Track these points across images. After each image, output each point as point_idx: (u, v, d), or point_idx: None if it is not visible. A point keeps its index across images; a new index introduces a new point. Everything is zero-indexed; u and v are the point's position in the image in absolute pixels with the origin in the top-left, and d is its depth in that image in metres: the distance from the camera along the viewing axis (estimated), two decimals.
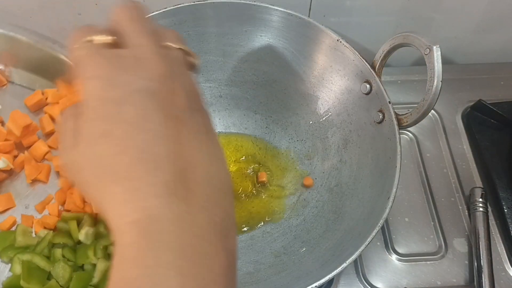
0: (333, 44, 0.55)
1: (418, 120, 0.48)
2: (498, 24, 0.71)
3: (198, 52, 0.59)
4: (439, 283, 0.55)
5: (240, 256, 0.53)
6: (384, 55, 0.51)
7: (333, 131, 0.58)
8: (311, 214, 0.55)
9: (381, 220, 0.44)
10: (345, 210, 0.52)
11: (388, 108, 0.49)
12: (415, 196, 0.61)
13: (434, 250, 0.57)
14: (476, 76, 0.72)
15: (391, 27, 0.70)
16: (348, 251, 0.44)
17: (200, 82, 0.62)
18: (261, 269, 0.51)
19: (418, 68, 0.72)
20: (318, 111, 0.59)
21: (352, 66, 0.54)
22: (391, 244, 0.58)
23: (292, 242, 0.53)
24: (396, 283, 0.55)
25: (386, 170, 0.48)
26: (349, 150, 0.55)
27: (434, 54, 0.45)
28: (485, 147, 0.64)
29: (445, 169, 0.63)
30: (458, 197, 0.61)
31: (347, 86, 0.55)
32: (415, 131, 0.66)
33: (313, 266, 0.47)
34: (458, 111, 0.69)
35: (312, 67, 0.58)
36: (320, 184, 0.57)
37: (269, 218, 0.57)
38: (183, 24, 0.57)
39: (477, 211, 0.58)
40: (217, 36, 0.59)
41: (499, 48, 0.75)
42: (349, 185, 0.54)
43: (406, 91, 0.70)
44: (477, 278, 0.54)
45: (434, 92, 0.45)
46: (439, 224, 0.59)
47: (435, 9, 0.67)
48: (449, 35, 0.72)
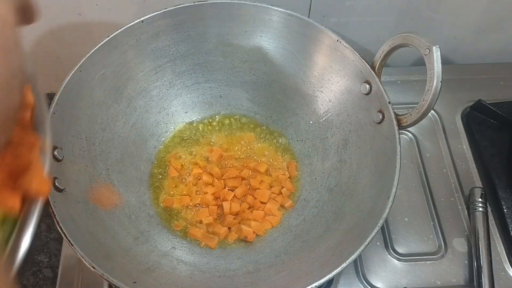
0: (333, 45, 0.55)
1: (417, 121, 0.48)
2: (498, 24, 0.71)
3: (198, 52, 0.60)
4: (439, 283, 0.55)
5: (240, 256, 0.53)
6: (384, 56, 0.51)
7: (333, 131, 0.58)
8: (311, 214, 0.55)
9: (381, 220, 0.44)
10: (345, 210, 0.52)
11: (388, 109, 0.49)
12: (415, 196, 0.61)
13: (433, 250, 0.58)
14: (475, 76, 0.72)
15: (391, 28, 0.70)
16: (348, 251, 0.44)
17: (200, 82, 0.62)
18: (261, 269, 0.51)
19: (417, 69, 0.72)
20: (318, 111, 0.59)
21: (352, 67, 0.54)
22: (391, 244, 0.58)
23: (292, 242, 0.53)
24: (396, 283, 0.55)
25: (386, 170, 0.48)
26: (349, 150, 0.55)
27: (433, 55, 0.45)
28: (484, 147, 0.64)
29: (445, 169, 0.64)
30: (458, 197, 0.61)
31: (347, 87, 0.55)
32: (414, 131, 0.66)
33: (313, 266, 0.47)
34: (457, 111, 0.69)
35: (312, 68, 0.58)
36: (320, 184, 0.57)
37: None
38: (183, 24, 0.57)
39: (476, 211, 0.58)
40: (217, 37, 0.59)
41: (499, 48, 0.75)
42: (349, 185, 0.54)
43: (405, 92, 0.70)
44: (477, 278, 0.54)
45: (434, 92, 0.45)
46: (439, 224, 0.59)
47: (435, 9, 0.68)
48: (448, 35, 0.72)
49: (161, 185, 0.58)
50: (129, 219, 0.53)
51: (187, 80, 0.61)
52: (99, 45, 0.52)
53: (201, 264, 0.52)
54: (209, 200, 0.56)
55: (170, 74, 0.60)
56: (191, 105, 0.63)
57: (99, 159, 0.54)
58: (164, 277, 0.48)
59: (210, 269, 0.51)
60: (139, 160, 0.59)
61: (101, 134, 0.55)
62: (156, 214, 0.56)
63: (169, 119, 0.62)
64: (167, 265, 0.50)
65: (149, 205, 0.57)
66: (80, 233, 0.44)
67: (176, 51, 0.59)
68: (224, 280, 0.50)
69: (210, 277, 0.50)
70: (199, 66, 0.61)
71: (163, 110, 0.61)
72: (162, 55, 0.58)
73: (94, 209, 0.50)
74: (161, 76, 0.60)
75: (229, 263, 0.52)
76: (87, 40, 0.68)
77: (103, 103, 0.55)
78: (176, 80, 0.61)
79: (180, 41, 0.58)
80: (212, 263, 0.52)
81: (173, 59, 0.59)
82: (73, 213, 0.46)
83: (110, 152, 0.55)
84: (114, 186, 0.54)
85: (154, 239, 0.53)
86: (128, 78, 0.57)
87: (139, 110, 0.59)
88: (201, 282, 0.50)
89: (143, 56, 0.57)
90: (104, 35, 0.53)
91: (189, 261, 0.52)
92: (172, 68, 0.60)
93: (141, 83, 0.59)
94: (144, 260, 0.49)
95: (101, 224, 0.49)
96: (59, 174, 0.46)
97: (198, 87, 0.62)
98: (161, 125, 0.61)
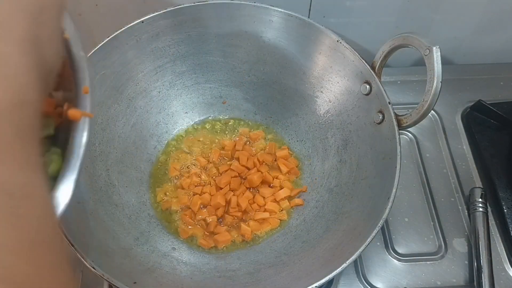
0: (333, 45, 0.55)
1: (418, 121, 0.48)
2: (498, 24, 0.71)
3: (199, 52, 0.60)
4: (439, 283, 0.55)
5: (240, 257, 0.53)
6: (384, 56, 0.51)
7: (333, 131, 0.58)
8: (311, 214, 0.55)
9: (381, 220, 0.44)
10: (345, 211, 0.52)
11: (388, 109, 0.49)
12: (415, 196, 0.61)
13: (434, 250, 0.58)
14: (475, 76, 0.72)
15: (390, 28, 0.70)
16: (348, 251, 0.44)
17: (200, 82, 0.62)
18: (261, 269, 0.51)
19: (417, 69, 0.72)
20: (318, 111, 0.59)
21: (352, 67, 0.54)
22: (391, 244, 0.58)
23: (292, 242, 0.53)
24: (396, 283, 0.55)
25: (386, 170, 0.48)
26: (349, 151, 0.55)
27: (433, 55, 0.45)
28: (484, 148, 0.64)
29: (445, 169, 0.64)
30: (458, 197, 0.61)
31: (347, 87, 0.55)
32: (415, 131, 0.66)
33: (313, 266, 0.47)
34: (457, 112, 0.69)
35: (312, 68, 0.58)
36: (320, 185, 0.57)
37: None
38: (183, 25, 0.57)
39: (476, 211, 0.58)
40: (217, 37, 0.59)
41: (499, 49, 0.75)
42: (349, 185, 0.54)
43: (406, 92, 0.70)
44: (477, 278, 0.54)
45: (434, 92, 0.45)
46: (439, 224, 0.59)
47: (435, 9, 0.67)
48: (448, 35, 0.72)
49: (161, 185, 0.58)
50: (129, 220, 0.53)
51: (187, 80, 0.61)
52: (99, 45, 0.52)
53: (201, 264, 0.52)
54: (209, 200, 0.56)
55: (170, 74, 0.60)
56: (191, 106, 0.63)
57: (99, 160, 0.54)
58: (164, 277, 0.48)
59: (210, 270, 0.51)
60: (139, 161, 0.59)
61: (101, 134, 0.55)
62: (156, 214, 0.56)
63: (169, 119, 0.62)
64: (167, 265, 0.50)
65: (149, 205, 0.57)
66: (80, 234, 0.44)
67: (176, 51, 0.59)
68: (224, 280, 0.50)
69: (210, 277, 0.50)
70: (199, 66, 0.61)
71: (163, 110, 0.61)
72: (162, 56, 0.58)
73: (94, 209, 0.50)
74: (161, 76, 0.60)
75: (229, 264, 0.52)
76: (87, 40, 0.68)
77: (103, 104, 0.55)
78: (176, 80, 0.61)
79: (180, 42, 0.58)
80: (212, 263, 0.52)
81: (173, 59, 0.59)
82: (73, 214, 0.46)
83: (110, 153, 0.55)
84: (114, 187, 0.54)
85: (154, 239, 0.53)
86: (128, 79, 0.57)
87: (139, 110, 0.59)
88: (201, 282, 0.50)
89: (143, 56, 0.57)
90: (104, 35, 0.53)
91: (189, 261, 0.52)
92: (172, 69, 0.60)
93: (141, 84, 0.59)
94: (144, 261, 0.49)
95: (101, 224, 0.49)
96: None
97: (198, 87, 0.62)
98: (161, 126, 0.61)
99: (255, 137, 0.62)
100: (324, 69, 0.57)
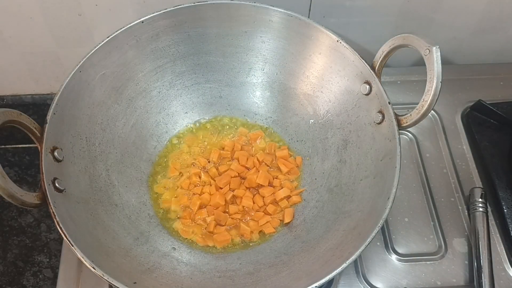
0: (333, 45, 0.55)
1: (418, 121, 0.48)
2: (498, 24, 0.71)
3: (198, 52, 0.60)
4: (439, 283, 0.55)
5: (240, 257, 0.53)
6: (384, 56, 0.51)
7: (333, 131, 0.58)
8: (311, 214, 0.55)
9: (381, 220, 0.44)
10: (345, 211, 0.52)
11: (388, 109, 0.49)
12: (415, 196, 0.61)
13: (434, 250, 0.58)
14: (475, 76, 0.72)
15: (390, 28, 0.70)
16: (348, 251, 0.44)
17: (200, 82, 0.62)
18: (261, 269, 0.51)
19: (417, 69, 0.72)
20: (318, 111, 0.59)
21: (352, 67, 0.54)
22: (391, 244, 0.58)
23: (292, 243, 0.53)
24: (396, 283, 0.55)
25: (386, 170, 0.48)
26: (349, 151, 0.55)
27: (433, 55, 0.45)
28: (484, 147, 0.64)
29: (445, 169, 0.64)
30: (458, 197, 0.61)
31: (347, 87, 0.55)
32: (414, 131, 0.66)
33: (313, 266, 0.47)
34: (457, 112, 0.69)
35: (312, 68, 0.58)
36: (320, 185, 0.57)
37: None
38: (183, 25, 0.57)
39: (476, 211, 0.58)
40: (217, 37, 0.59)
41: (499, 49, 0.75)
42: (349, 185, 0.54)
43: (405, 92, 0.70)
44: (477, 278, 0.54)
45: (434, 92, 0.45)
46: (439, 224, 0.59)
47: (434, 9, 0.68)
48: (448, 35, 0.72)
49: (161, 185, 0.58)
50: (129, 220, 0.53)
51: (187, 80, 0.61)
52: (99, 45, 0.52)
53: (201, 264, 0.52)
54: (208, 200, 0.56)
55: (170, 74, 0.60)
56: (191, 106, 0.63)
57: (99, 160, 0.54)
58: (165, 277, 0.48)
59: (210, 270, 0.51)
60: (139, 161, 0.59)
61: (101, 134, 0.55)
62: (156, 214, 0.56)
63: (169, 119, 0.62)
64: (167, 265, 0.50)
65: (149, 205, 0.57)
66: (80, 234, 0.44)
67: (176, 51, 0.59)
68: (224, 280, 0.50)
69: (210, 277, 0.50)
70: (199, 66, 0.61)
71: (163, 110, 0.61)
72: (162, 56, 0.58)
73: (94, 209, 0.50)
74: (161, 76, 0.60)
75: (229, 264, 0.52)
76: (87, 40, 0.68)
77: (103, 104, 0.55)
78: (176, 80, 0.61)
79: (180, 42, 0.58)
80: (212, 263, 0.52)
81: (173, 59, 0.59)
82: (73, 214, 0.46)
83: (110, 153, 0.55)
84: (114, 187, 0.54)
85: (154, 239, 0.53)
86: (128, 79, 0.57)
87: (139, 110, 0.59)
88: (201, 282, 0.50)
89: (143, 56, 0.57)
90: (104, 35, 0.53)
91: (189, 261, 0.52)
92: (172, 69, 0.60)
93: (141, 84, 0.59)
94: (144, 261, 0.49)
95: (101, 224, 0.49)
96: (59, 174, 0.46)
97: (198, 87, 0.62)
98: (161, 126, 0.61)
99: (255, 137, 0.62)
100: (324, 69, 0.57)
